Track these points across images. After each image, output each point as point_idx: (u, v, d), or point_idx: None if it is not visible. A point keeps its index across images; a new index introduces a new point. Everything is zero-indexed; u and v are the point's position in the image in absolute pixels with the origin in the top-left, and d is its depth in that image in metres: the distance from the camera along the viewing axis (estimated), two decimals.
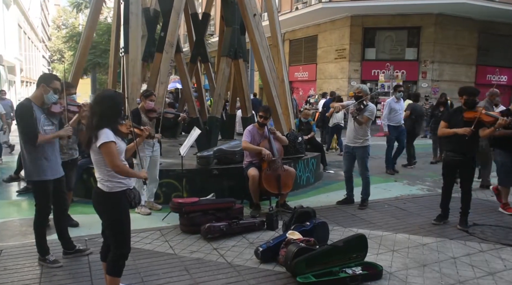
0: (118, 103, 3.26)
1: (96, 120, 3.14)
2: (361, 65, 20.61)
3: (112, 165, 3.09)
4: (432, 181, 8.41)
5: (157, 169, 5.99)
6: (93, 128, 3.13)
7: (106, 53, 19.13)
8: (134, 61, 6.67)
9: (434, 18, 19.06)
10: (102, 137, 3.07)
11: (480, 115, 5.05)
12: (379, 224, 5.52)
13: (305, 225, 4.56)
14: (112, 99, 3.23)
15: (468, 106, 5.21)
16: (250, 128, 6.02)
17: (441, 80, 19.64)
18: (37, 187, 3.99)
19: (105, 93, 3.36)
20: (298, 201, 6.43)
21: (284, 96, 7.86)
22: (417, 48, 19.92)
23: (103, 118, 3.14)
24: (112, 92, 3.39)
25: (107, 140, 3.07)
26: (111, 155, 3.09)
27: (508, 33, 20.92)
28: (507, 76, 21.44)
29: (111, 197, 3.19)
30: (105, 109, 3.16)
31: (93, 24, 8.04)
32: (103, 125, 3.12)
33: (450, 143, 5.35)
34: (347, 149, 6.44)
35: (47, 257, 4.03)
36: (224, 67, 7.69)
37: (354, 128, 6.24)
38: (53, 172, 4.02)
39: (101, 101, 3.22)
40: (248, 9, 7.40)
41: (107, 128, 3.12)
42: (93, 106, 3.27)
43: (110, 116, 3.18)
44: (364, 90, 6.31)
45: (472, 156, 5.29)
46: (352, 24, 20.35)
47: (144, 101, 5.71)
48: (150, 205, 5.99)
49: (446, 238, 5.02)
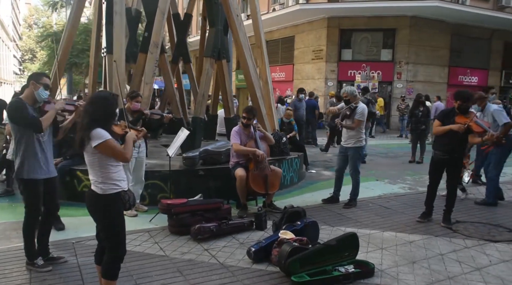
0: (111, 105, 3.21)
1: (87, 121, 3.09)
2: (338, 66, 20.87)
3: (123, 158, 3.13)
4: (412, 179, 8.60)
5: (143, 170, 5.92)
6: (84, 129, 3.08)
7: (83, 53, 18.78)
8: (119, 61, 6.56)
9: (409, 20, 19.47)
10: (97, 138, 3.02)
11: (470, 123, 5.14)
12: (365, 222, 5.60)
13: (296, 225, 4.59)
14: (105, 101, 3.18)
15: (461, 111, 5.29)
16: (236, 130, 6.01)
17: (415, 80, 20.07)
18: (27, 186, 3.88)
19: (100, 94, 3.32)
20: (284, 201, 6.47)
21: (268, 97, 7.87)
22: (392, 50, 20.31)
23: (95, 119, 3.08)
24: (107, 94, 3.33)
25: (103, 139, 3.02)
26: (114, 150, 3.08)
27: (479, 35, 21.57)
28: (477, 77, 22.09)
29: (106, 199, 3.13)
30: (97, 111, 3.11)
31: (75, 23, 7.87)
32: (94, 126, 3.07)
33: (440, 142, 5.47)
34: (341, 149, 6.49)
35: (35, 261, 3.92)
36: (208, 67, 7.65)
37: (347, 130, 6.30)
38: (45, 171, 3.92)
39: (94, 102, 3.18)
40: (233, 9, 7.39)
41: (99, 128, 3.07)
42: (86, 106, 3.21)
43: (102, 118, 3.13)
44: (350, 92, 6.29)
45: (459, 155, 5.43)
46: (329, 25, 20.58)
47: (130, 102, 5.63)
48: (136, 207, 5.90)
49: (431, 235, 5.13)
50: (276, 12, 21.49)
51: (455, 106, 5.41)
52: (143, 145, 5.85)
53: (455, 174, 5.53)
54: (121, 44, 6.70)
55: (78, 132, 3.15)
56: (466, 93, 5.46)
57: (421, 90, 17.89)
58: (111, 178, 3.15)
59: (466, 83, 21.52)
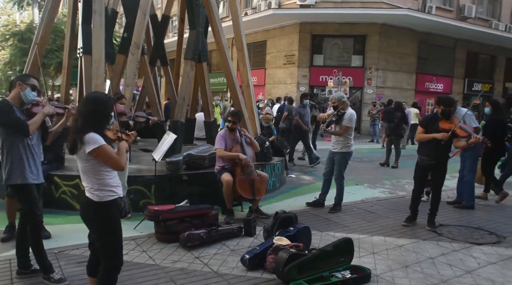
0: (107, 107, 3.06)
1: (81, 123, 2.92)
2: (310, 71, 21.09)
3: (117, 166, 2.97)
4: (391, 184, 8.74)
5: (126, 175, 5.70)
6: (77, 131, 2.91)
7: (52, 54, 18.14)
8: (98, 62, 6.33)
9: (379, 27, 19.92)
10: (91, 143, 2.86)
11: (455, 128, 5.23)
12: (353, 227, 5.60)
13: (289, 230, 4.53)
14: (101, 102, 3.02)
15: (444, 116, 5.37)
16: (222, 134, 5.91)
17: (385, 86, 20.53)
18: (21, 192, 3.67)
19: (95, 95, 3.14)
20: (268, 206, 6.42)
21: (250, 101, 7.80)
22: (362, 56, 20.72)
23: (89, 122, 2.92)
24: (102, 95, 3.17)
25: (98, 145, 2.86)
26: (109, 157, 2.92)
27: (444, 44, 22.33)
28: (443, 84, 22.83)
29: (102, 206, 2.97)
30: (92, 112, 2.95)
31: (50, 22, 7.54)
32: (88, 129, 2.91)
33: (425, 147, 5.53)
34: (330, 154, 6.48)
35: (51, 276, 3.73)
36: (188, 70, 7.50)
37: None
38: (35, 176, 3.72)
39: (89, 103, 3.00)
40: (215, 11, 7.29)
41: (93, 132, 2.92)
42: (80, 107, 3.04)
43: (97, 121, 2.97)
44: (338, 98, 6.28)
45: (445, 160, 5.52)
46: (301, 30, 20.78)
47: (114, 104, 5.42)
48: None
49: (419, 239, 5.19)
50: (248, 16, 21.51)
51: (438, 111, 5.52)
52: None
53: (441, 178, 5.62)
54: (100, 45, 6.47)
55: (70, 135, 2.98)
56: (449, 99, 5.59)
57: (390, 96, 18.30)
58: (107, 184, 3.00)
59: (432, 90, 22.22)
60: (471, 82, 23.83)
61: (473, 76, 24.08)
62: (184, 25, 10.01)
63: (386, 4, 19.49)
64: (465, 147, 5.46)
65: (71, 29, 8.67)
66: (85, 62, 7.55)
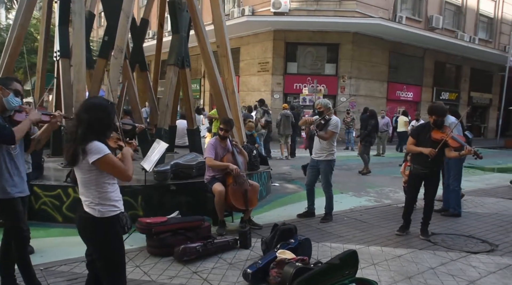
0: (109, 113, 2.82)
1: (82, 131, 2.68)
2: (284, 79, 21.10)
3: (125, 175, 2.75)
4: (375, 192, 8.75)
5: None
6: (79, 140, 2.67)
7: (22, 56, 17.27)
8: (79, 66, 6.02)
9: (352, 36, 20.19)
10: (94, 152, 2.63)
11: (447, 139, 5.22)
12: (348, 237, 5.51)
13: (290, 243, 4.39)
14: (103, 109, 2.78)
15: (436, 126, 5.36)
16: (212, 142, 5.71)
17: (358, 95, 20.78)
18: (5, 207, 3.35)
19: (96, 101, 2.89)
20: (259, 216, 6.28)
21: (235, 108, 7.63)
22: (335, 64, 20.92)
23: (91, 130, 2.69)
24: (103, 101, 2.93)
25: (103, 154, 2.64)
26: (115, 166, 2.69)
27: (413, 53, 22.89)
28: (412, 93, 23.36)
29: (104, 222, 2.73)
30: (94, 119, 2.71)
31: (25, 23, 7.13)
32: (91, 138, 2.68)
33: (418, 156, 5.50)
34: (312, 162, 6.39)
35: None
36: (171, 76, 7.27)
37: (318, 141, 6.20)
38: (20, 189, 3.42)
39: (90, 110, 2.75)
40: (199, 16, 7.10)
41: (96, 141, 2.69)
42: (80, 114, 2.77)
43: (99, 128, 2.74)
44: (324, 104, 6.28)
45: (438, 169, 5.51)
46: (274, 38, 20.80)
47: None
48: None
49: (415, 248, 5.14)
50: None
51: (430, 121, 5.50)
52: None
53: (434, 187, 5.62)
54: (81, 48, 6.16)
55: (70, 144, 2.73)
56: (441, 108, 5.56)
57: (363, 104, 18.53)
58: (109, 198, 2.76)
59: (403, 99, 22.70)
60: (439, 91, 24.50)
61: (441, 85, 24.78)
62: (163, 29, 9.76)
63: (359, 13, 19.80)
64: (457, 157, 5.46)
65: (46, 31, 8.26)
66: (62, 66, 7.19)
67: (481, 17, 26.43)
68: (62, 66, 7.11)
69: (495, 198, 8.37)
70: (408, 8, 22.73)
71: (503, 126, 24.43)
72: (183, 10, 7.52)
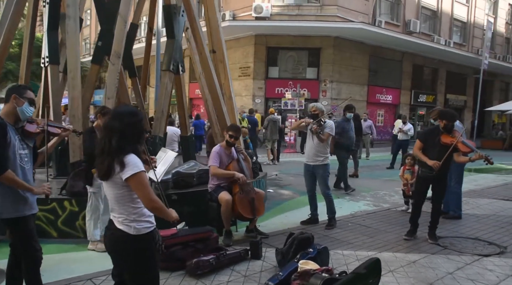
0: (141, 119, 2.64)
1: (116, 142, 2.48)
2: (265, 83, 21.04)
3: (148, 200, 2.49)
4: (370, 195, 8.71)
5: None
6: (114, 152, 2.47)
7: None
8: (74, 72, 5.74)
9: (333, 40, 20.31)
10: (130, 167, 2.44)
11: (457, 143, 5.18)
12: (357, 243, 5.41)
13: (309, 252, 4.24)
14: (134, 114, 2.59)
15: (446, 130, 5.32)
16: (217, 150, 5.52)
17: (339, 98, 20.88)
18: (17, 226, 3.09)
19: (124, 108, 2.70)
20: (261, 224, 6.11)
21: (233, 114, 7.46)
22: (317, 68, 20.99)
23: (126, 139, 2.50)
24: (133, 108, 2.74)
25: (137, 171, 2.44)
26: (144, 187, 2.48)
27: (392, 57, 23.21)
28: (392, 95, 23.66)
29: (140, 240, 2.54)
30: (126, 126, 2.52)
31: (13, 27, 6.77)
32: (128, 149, 2.49)
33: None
34: (306, 168, 6.29)
35: None
36: (166, 82, 7.06)
37: (314, 146, 6.12)
38: (31, 205, 3.17)
39: (121, 117, 2.55)
40: (197, 20, 6.92)
41: (133, 154, 2.50)
42: (110, 123, 2.57)
43: (133, 138, 2.55)
44: (319, 108, 6.28)
45: (445, 172, 5.48)
46: (256, 43, 20.73)
47: (101, 119, 4.91)
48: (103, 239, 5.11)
49: (427, 253, 5.08)
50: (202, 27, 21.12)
51: (440, 125, 5.46)
52: None
53: (441, 191, 5.58)
54: (76, 53, 5.89)
55: (101, 157, 2.52)
56: (451, 113, 5.53)
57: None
58: (144, 214, 2.58)
59: (383, 102, 22.97)
60: (417, 94, 24.90)
61: (419, 88, 25.20)
62: (152, 34, 9.52)
63: (340, 18, 19.93)
64: (467, 161, 5.43)
65: (30, 36, 7.90)
66: (51, 72, 6.87)
67: (455, 22, 27.08)
68: (52, 73, 6.78)
69: (488, 199, 8.47)
70: (386, 13, 23.06)
71: (478, 127, 25.01)
72: (179, 13, 7.31)
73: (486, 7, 29.43)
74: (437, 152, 5.33)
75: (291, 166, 13.22)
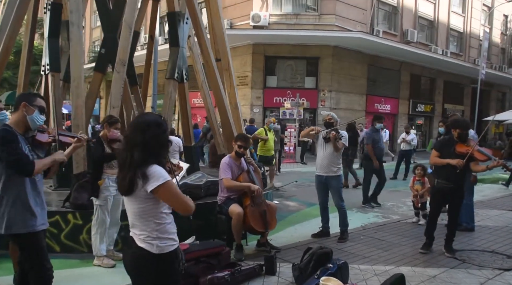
0: (165, 130, 2.45)
1: (139, 155, 2.29)
2: (263, 93, 20.90)
3: (184, 207, 2.38)
4: (377, 207, 8.52)
5: (119, 209, 4.98)
6: (137, 164, 2.28)
7: None
8: (78, 80, 5.55)
9: (331, 50, 20.24)
10: (155, 177, 2.26)
11: (473, 152, 5.04)
12: (373, 257, 5.23)
13: (329, 267, 4.05)
14: (158, 125, 2.40)
15: (460, 139, 5.19)
16: (227, 161, 5.32)
17: (338, 108, 20.75)
18: (27, 243, 2.88)
19: (148, 117, 2.47)
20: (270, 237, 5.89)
21: (239, 123, 7.29)
22: (315, 78, 20.90)
23: (149, 151, 2.31)
24: (157, 117, 2.54)
25: (163, 181, 2.27)
26: (176, 195, 2.34)
27: (390, 67, 23.21)
28: (390, 105, 23.62)
29: (164, 259, 2.35)
30: (150, 138, 2.33)
31: (14, 34, 6.56)
32: (151, 161, 2.30)
33: (442, 170, 5.30)
34: (319, 179, 6.11)
35: None
36: (171, 90, 6.89)
37: (326, 156, 5.96)
38: (43, 220, 2.97)
39: (143, 128, 2.36)
40: (203, 28, 6.77)
41: (156, 164, 2.32)
42: (132, 135, 2.37)
43: (157, 149, 2.36)
44: (335, 117, 6.20)
45: (462, 184, 5.32)
46: (254, 51, 20.62)
47: (108, 130, 4.72)
48: (111, 254, 4.90)
49: (446, 267, 4.92)
50: None
51: (454, 134, 5.32)
52: None
53: (458, 203, 5.42)
54: (79, 61, 5.70)
55: (125, 170, 2.33)
56: (464, 121, 5.43)
57: (343, 117, 18.44)
58: (167, 231, 2.40)
59: (381, 111, 22.88)
60: (415, 104, 24.88)
61: (417, 98, 25.20)
62: (153, 42, 9.35)
63: (338, 27, 19.91)
64: (484, 170, 5.29)
65: (29, 43, 7.70)
66: (53, 80, 6.67)
67: (452, 32, 27.21)
68: (53, 81, 6.59)
69: (498, 210, 8.33)
70: (384, 23, 23.10)
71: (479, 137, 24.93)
72: (183, 21, 7.16)
73: (481, 17, 29.62)
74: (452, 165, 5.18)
75: (292, 176, 12.99)
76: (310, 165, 16.62)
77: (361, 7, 21.20)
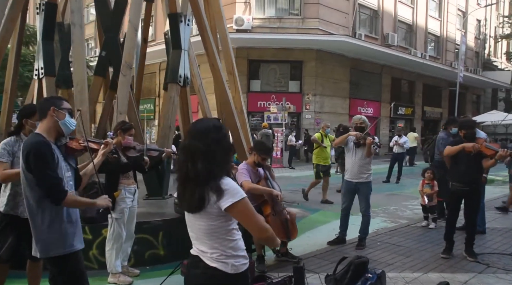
0: (226, 136, 2.20)
1: (203, 165, 2.03)
2: (247, 97, 20.68)
3: (259, 229, 2.13)
4: (382, 211, 8.44)
5: (134, 222, 4.66)
6: (204, 179, 2.02)
7: None
8: (81, 85, 5.21)
9: (315, 53, 20.25)
10: (231, 193, 2.02)
11: (481, 148, 5.04)
12: (397, 264, 5.08)
13: (369, 278, 3.87)
14: (218, 130, 2.14)
15: (468, 139, 5.16)
16: (245, 167, 5.06)
17: (322, 112, 20.80)
18: (66, 265, 2.58)
19: (207, 123, 2.19)
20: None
21: (245, 128, 7.05)
22: (299, 81, 20.85)
23: (213, 160, 2.06)
24: (215, 121, 2.27)
25: (240, 198, 2.02)
26: (253, 215, 2.09)
27: (371, 70, 23.42)
28: (372, 108, 23.81)
29: (238, 279, 2.11)
30: (212, 147, 2.07)
31: (7, 35, 6.11)
32: (220, 174, 2.05)
33: (455, 172, 5.27)
34: (350, 185, 5.91)
35: None
36: (173, 95, 6.59)
37: (357, 161, 5.77)
38: (80, 238, 2.68)
39: (204, 135, 2.09)
40: (208, 30, 6.51)
41: (228, 177, 2.08)
42: (191, 143, 2.10)
43: (222, 155, 2.10)
44: (366, 121, 6.00)
45: (478, 186, 5.26)
46: (237, 55, 20.26)
47: (122, 136, 4.40)
48: (126, 271, 4.58)
49: (474, 272, 4.81)
50: None
51: (461, 135, 5.31)
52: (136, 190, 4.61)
53: (476, 205, 5.38)
54: (82, 64, 5.36)
55: (187, 186, 2.07)
56: (469, 121, 5.51)
57: (327, 120, 18.38)
58: (240, 248, 2.16)
59: (364, 114, 22.90)
60: (396, 106, 25.15)
61: (398, 101, 25.47)
62: (146, 45, 9.01)
63: (321, 31, 19.93)
64: (494, 164, 5.24)
65: (17, 46, 7.26)
66: (47, 85, 6.29)
67: (430, 35, 27.73)
68: (47, 85, 6.20)
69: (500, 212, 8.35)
70: (365, 26, 23.30)
71: None
72: (185, 23, 6.88)
73: (457, 22, 30.33)
74: (465, 164, 5.14)
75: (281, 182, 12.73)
76: (298, 170, 16.50)
77: (343, 11, 21.32)
